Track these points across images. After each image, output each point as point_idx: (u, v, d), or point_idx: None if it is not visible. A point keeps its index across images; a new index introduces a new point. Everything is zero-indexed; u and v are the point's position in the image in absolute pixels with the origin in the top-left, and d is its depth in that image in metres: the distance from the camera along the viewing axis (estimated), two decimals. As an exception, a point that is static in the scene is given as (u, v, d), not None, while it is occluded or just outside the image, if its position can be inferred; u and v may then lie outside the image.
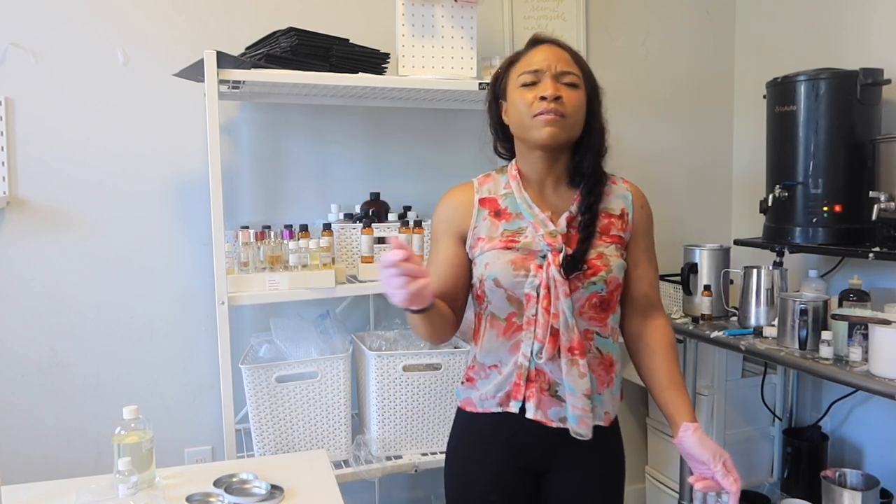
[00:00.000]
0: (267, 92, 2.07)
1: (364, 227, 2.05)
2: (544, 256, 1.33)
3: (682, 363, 2.31)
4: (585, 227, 1.35)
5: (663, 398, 1.39)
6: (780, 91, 2.17)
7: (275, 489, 1.43)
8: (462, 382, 1.46)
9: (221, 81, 1.80)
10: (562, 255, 1.32)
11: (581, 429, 1.33)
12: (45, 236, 2.05)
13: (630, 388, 2.55)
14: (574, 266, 1.31)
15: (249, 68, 1.84)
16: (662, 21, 2.70)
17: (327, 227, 2.05)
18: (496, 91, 1.44)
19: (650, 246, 1.47)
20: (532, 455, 1.39)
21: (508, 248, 1.35)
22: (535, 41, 1.40)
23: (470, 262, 1.41)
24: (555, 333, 1.31)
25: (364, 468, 1.97)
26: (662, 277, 2.55)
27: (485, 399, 1.39)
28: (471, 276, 1.42)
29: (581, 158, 1.39)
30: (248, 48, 2.02)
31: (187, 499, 1.40)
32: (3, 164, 1.99)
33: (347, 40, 2.00)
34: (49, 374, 2.08)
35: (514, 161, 1.45)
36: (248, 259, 1.94)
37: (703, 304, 2.27)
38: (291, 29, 1.89)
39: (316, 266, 1.96)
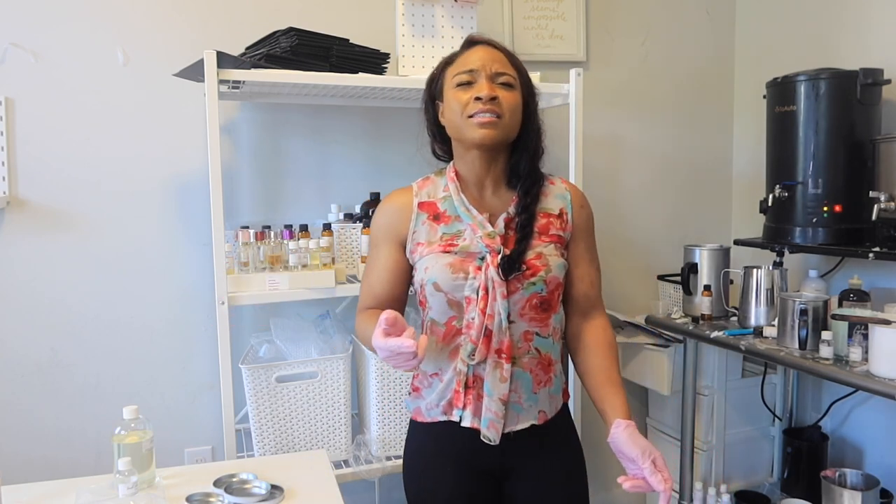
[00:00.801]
0: (267, 92, 2.07)
1: (364, 227, 2.05)
2: (483, 258, 1.32)
3: (682, 363, 2.31)
4: (523, 228, 1.35)
5: (598, 395, 1.39)
6: (780, 91, 2.17)
7: (275, 489, 1.43)
8: (409, 393, 1.46)
9: (221, 81, 1.80)
10: (500, 256, 1.31)
11: (490, 432, 1.33)
12: (45, 236, 2.05)
13: (630, 388, 2.55)
14: (512, 267, 1.31)
15: (249, 68, 1.84)
16: (662, 21, 2.70)
17: (327, 227, 2.05)
18: (432, 92, 1.44)
19: (591, 245, 1.47)
20: (485, 460, 1.38)
21: (447, 252, 1.35)
22: (471, 42, 1.40)
23: (410, 267, 1.41)
24: (489, 335, 1.31)
25: (364, 468, 1.97)
26: (663, 277, 2.56)
27: (430, 408, 1.39)
28: (411, 282, 1.42)
29: (518, 159, 1.40)
30: (248, 48, 2.02)
31: (187, 499, 1.40)
32: (3, 164, 1.99)
33: (347, 40, 2.00)
34: (49, 374, 2.08)
35: (452, 163, 1.45)
36: (248, 259, 1.94)
37: (703, 304, 2.27)
38: (291, 29, 1.89)
39: (316, 266, 1.96)
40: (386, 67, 2.06)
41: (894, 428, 2.21)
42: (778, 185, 2.15)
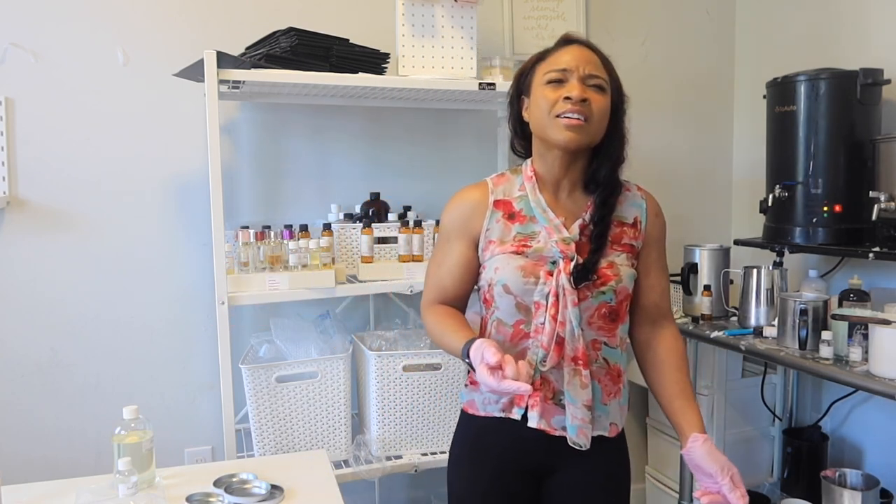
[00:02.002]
0: (267, 92, 2.07)
1: (364, 227, 2.05)
2: (554, 263, 1.31)
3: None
4: (597, 238, 1.33)
5: (672, 408, 1.38)
6: (780, 91, 2.17)
7: (275, 489, 1.43)
8: (466, 385, 1.45)
9: (221, 81, 1.80)
10: (573, 263, 1.30)
11: (580, 439, 1.31)
12: (45, 236, 2.05)
13: (630, 388, 2.54)
14: (584, 275, 1.30)
15: (249, 68, 1.84)
16: (662, 21, 2.70)
17: (327, 227, 2.05)
18: (520, 86, 1.41)
19: (662, 255, 1.45)
20: (533, 459, 1.38)
21: (519, 253, 1.33)
22: (567, 40, 1.37)
23: (479, 264, 1.40)
24: (560, 342, 1.30)
25: (364, 468, 1.97)
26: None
27: (487, 403, 1.38)
28: (478, 278, 1.41)
29: (598, 166, 1.37)
30: (248, 48, 2.02)
31: (187, 499, 1.40)
32: (3, 164, 1.99)
33: (347, 40, 2.00)
34: (49, 374, 2.08)
35: (529, 161, 1.42)
36: (248, 259, 1.94)
37: (703, 304, 2.27)
38: (291, 29, 1.89)
39: (316, 266, 1.96)
40: (386, 67, 2.06)
41: (894, 428, 2.21)
42: (778, 185, 2.15)
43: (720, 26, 2.79)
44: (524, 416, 1.33)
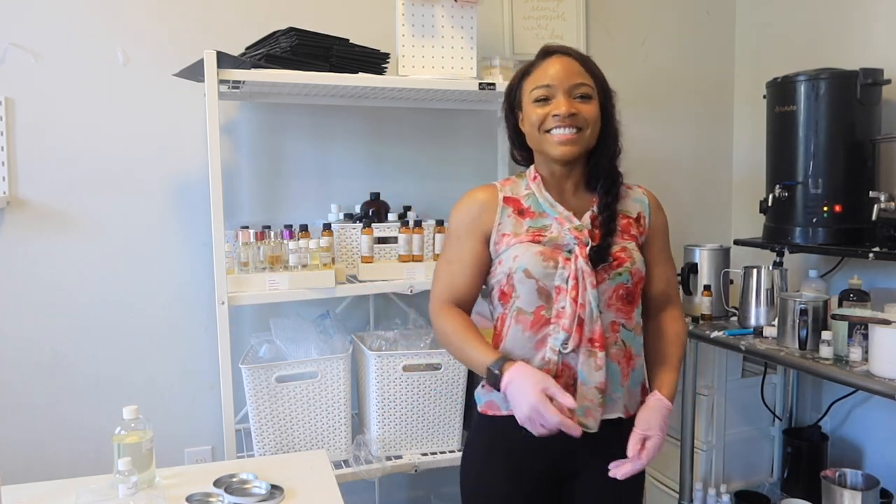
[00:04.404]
0: (267, 92, 2.07)
1: (364, 227, 2.05)
2: (570, 251, 1.35)
3: (682, 363, 2.30)
4: (607, 223, 1.39)
5: (653, 373, 1.44)
6: (780, 91, 2.17)
7: (275, 489, 1.43)
8: (482, 386, 1.44)
9: (221, 81, 1.80)
10: (588, 247, 1.34)
11: (588, 421, 1.33)
12: (45, 236, 2.05)
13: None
14: (601, 258, 1.35)
15: (249, 68, 1.84)
16: (662, 21, 2.70)
17: (327, 227, 2.05)
18: (511, 102, 1.47)
19: (666, 246, 1.52)
20: (554, 453, 1.38)
21: (536, 242, 1.37)
22: (546, 52, 1.42)
23: (490, 262, 1.42)
24: (581, 324, 1.33)
25: (364, 468, 1.97)
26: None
27: None
28: (488, 277, 1.44)
29: (596, 162, 1.43)
30: (248, 48, 2.02)
31: (187, 499, 1.40)
32: (3, 164, 1.99)
33: (347, 40, 2.00)
34: (49, 373, 2.08)
35: (532, 166, 1.47)
36: (248, 259, 1.94)
37: (703, 304, 2.27)
38: (291, 29, 1.89)
39: (316, 266, 1.96)
40: (386, 67, 2.06)
41: (894, 428, 2.21)
42: (778, 185, 2.15)
43: (720, 26, 2.79)
44: None
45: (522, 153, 1.50)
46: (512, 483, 1.40)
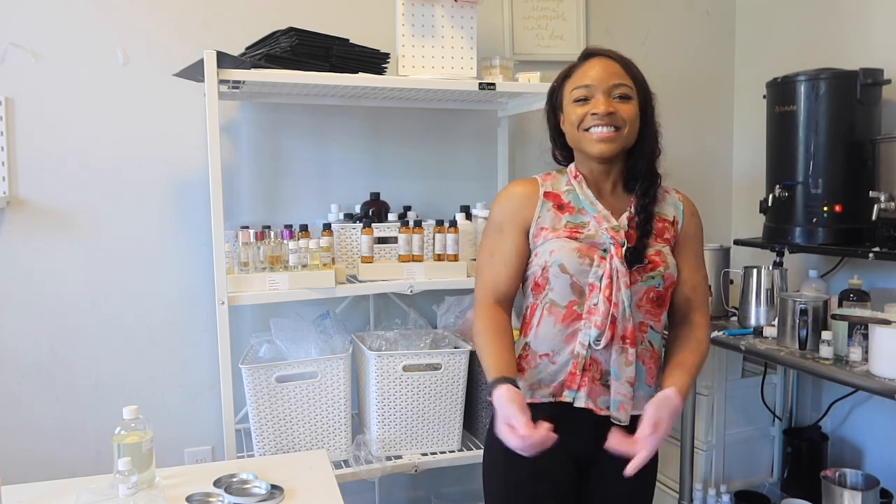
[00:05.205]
0: (267, 92, 2.07)
1: (364, 227, 2.05)
2: (605, 250, 1.37)
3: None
4: (643, 224, 1.41)
5: (666, 374, 1.43)
6: (780, 91, 2.17)
7: (275, 489, 1.43)
8: None
9: (221, 81, 1.80)
10: (623, 248, 1.37)
11: (620, 414, 1.37)
12: (45, 236, 2.05)
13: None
14: (636, 259, 1.37)
15: (249, 68, 1.84)
16: (662, 21, 2.70)
17: (327, 227, 2.05)
18: (553, 103, 1.49)
19: (699, 252, 1.53)
20: (577, 445, 1.40)
21: (573, 238, 1.39)
22: (587, 55, 1.45)
23: (529, 254, 1.44)
24: (613, 321, 1.35)
25: (364, 468, 1.97)
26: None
27: (536, 389, 1.41)
28: (526, 269, 1.46)
29: (635, 162, 1.45)
30: (248, 48, 2.02)
31: (187, 499, 1.40)
32: (3, 164, 1.99)
33: (347, 40, 2.00)
34: (49, 373, 2.08)
35: (572, 164, 1.49)
36: (248, 259, 1.93)
37: (703, 304, 2.26)
38: (291, 29, 1.89)
39: (316, 266, 1.96)
40: (386, 67, 2.06)
41: (894, 428, 2.21)
42: (778, 185, 2.15)
43: (720, 26, 2.79)
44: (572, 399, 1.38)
45: (563, 153, 1.53)
46: (540, 469, 1.39)
